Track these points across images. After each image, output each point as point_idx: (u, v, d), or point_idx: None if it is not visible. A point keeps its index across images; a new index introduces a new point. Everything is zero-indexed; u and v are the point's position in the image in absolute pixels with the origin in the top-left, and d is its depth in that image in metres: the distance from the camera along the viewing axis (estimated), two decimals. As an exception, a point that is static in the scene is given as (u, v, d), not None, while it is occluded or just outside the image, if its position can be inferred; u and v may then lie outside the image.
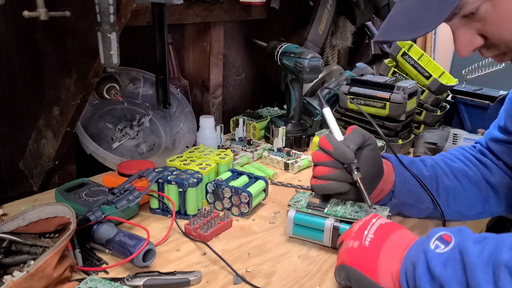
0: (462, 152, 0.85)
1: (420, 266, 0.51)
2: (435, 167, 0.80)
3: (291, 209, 0.74)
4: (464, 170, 0.81)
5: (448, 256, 0.49)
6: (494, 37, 0.55)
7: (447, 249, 0.50)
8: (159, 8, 0.86)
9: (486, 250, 0.46)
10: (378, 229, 0.58)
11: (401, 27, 0.55)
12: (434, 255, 0.50)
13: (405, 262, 0.54)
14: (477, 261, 0.46)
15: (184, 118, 1.12)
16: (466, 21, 0.55)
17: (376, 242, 0.57)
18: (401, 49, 1.23)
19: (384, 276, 0.54)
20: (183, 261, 0.70)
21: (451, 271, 0.48)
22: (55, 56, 0.83)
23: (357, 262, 0.56)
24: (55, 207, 0.67)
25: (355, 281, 0.56)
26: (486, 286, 0.44)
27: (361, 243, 0.57)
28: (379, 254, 0.55)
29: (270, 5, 1.26)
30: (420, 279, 0.50)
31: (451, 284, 0.47)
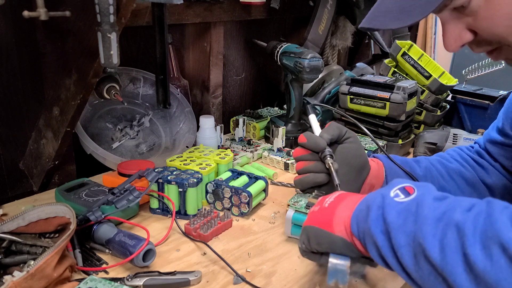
0: (459, 153, 0.85)
1: (374, 209, 0.50)
2: (431, 168, 0.80)
3: (290, 209, 0.74)
4: (461, 171, 0.80)
5: (405, 207, 0.48)
6: (485, 32, 0.53)
7: (406, 199, 0.48)
8: (159, 8, 0.86)
9: (442, 207, 0.45)
10: (340, 195, 0.59)
11: (390, 13, 0.53)
12: (391, 202, 0.49)
13: (359, 206, 0.53)
14: (430, 215, 0.45)
15: (184, 118, 1.12)
16: (456, 14, 0.54)
17: (335, 202, 0.57)
18: (401, 49, 1.23)
19: (338, 224, 0.54)
20: (183, 261, 0.70)
21: (403, 220, 0.46)
22: (55, 56, 0.83)
23: (315, 220, 0.56)
24: (55, 207, 0.67)
25: (313, 237, 0.56)
26: (431, 240, 0.43)
27: (321, 206, 0.58)
28: (336, 208, 0.56)
29: (270, 5, 1.26)
30: (372, 221, 0.49)
31: (398, 233, 0.46)
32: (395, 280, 0.68)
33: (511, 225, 0.39)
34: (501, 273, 0.38)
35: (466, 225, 0.41)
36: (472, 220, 0.42)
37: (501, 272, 0.38)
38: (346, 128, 0.76)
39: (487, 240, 0.39)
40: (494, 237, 0.39)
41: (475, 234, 0.40)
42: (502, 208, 0.41)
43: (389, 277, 0.68)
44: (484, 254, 0.39)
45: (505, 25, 0.51)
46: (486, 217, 0.41)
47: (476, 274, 0.39)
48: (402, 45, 1.24)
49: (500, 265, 0.38)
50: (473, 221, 0.41)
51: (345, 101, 1.16)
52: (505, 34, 0.52)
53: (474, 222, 0.41)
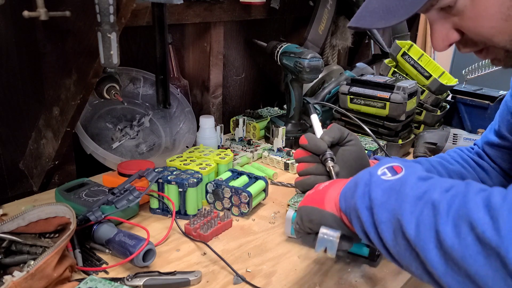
0: (460, 154, 0.85)
1: (361, 186, 0.51)
2: (431, 170, 0.80)
3: (290, 209, 0.74)
4: (462, 172, 0.80)
5: (390, 185, 0.49)
6: (471, 32, 0.54)
7: (392, 178, 0.50)
8: (159, 8, 0.86)
9: (423, 187, 0.46)
10: (335, 180, 0.61)
11: (376, 13, 0.54)
12: (377, 180, 0.50)
13: (348, 184, 0.54)
14: (411, 194, 0.46)
15: (184, 118, 1.12)
16: (443, 14, 0.54)
17: (329, 185, 0.59)
18: (401, 49, 1.23)
19: (329, 201, 0.56)
20: (183, 261, 0.70)
21: (386, 198, 0.48)
22: (55, 56, 0.83)
23: (309, 201, 0.58)
24: (55, 207, 0.67)
25: (305, 215, 0.57)
26: (409, 217, 0.44)
27: (316, 189, 0.60)
28: (329, 189, 0.57)
29: (270, 5, 1.26)
30: (358, 197, 0.50)
31: (380, 209, 0.47)
32: (395, 280, 0.68)
33: (482, 206, 0.40)
34: (467, 250, 0.39)
35: (441, 204, 0.43)
36: (448, 200, 0.43)
37: (466, 249, 0.39)
38: (348, 131, 0.76)
39: (458, 218, 0.41)
40: (464, 216, 0.40)
41: (449, 213, 0.42)
42: (478, 190, 0.42)
43: (389, 277, 0.68)
44: (454, 232, 0.40)
45: (490, 26, 0.52)
46: (461, 197, 0.42)
47: (445, 250, 0.41)
48: (402, 45, 1.24)
49: (467, 242, 0.39)
50: (449, 201, 0.43)
51: (345, 101, 1.16)
52: (489, 35, 0.52)
53: (449, 202, 0.43)
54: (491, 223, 0.38)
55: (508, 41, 0.52)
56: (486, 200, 0.40)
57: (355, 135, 0.76)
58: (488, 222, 0.38)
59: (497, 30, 0.52)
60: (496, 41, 0.53)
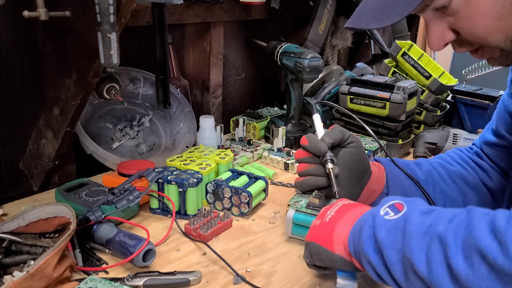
0: (459, 154, 0.85)
1: (366, 229, 0.51)
2: (432, 171, 0.80)
3: (290, 209, 0.74)
4: (462, 173, 0.80)
5: (394, 225, 0.49)
6: (466, 32, 0.54)
7: (395, 217, 0.50)
8: (159, 8, 0.86)
9: (427, 221, 0.46)
10: (341, 208, 0.60)
11: (371, 13, 0.54)
12: (381, 221, 0.50)
13: (355, 227, 0.54)
14: (416, 230, 0.46)
15: (184, 118, 1.12)
16: (438, 14, 0.55)
17: (335, 217, 0.58)
18: (401, 49, 1.23)
19: (337, 243, 0.55)
20: (183, 261, 0.70)
21: (392, 238, 0.48)
22: (55, 56, 0.83)
23: (317, 237, 0.58)
24: (55, 207, 0.67)
25: (315, 254, 0.57)
26: (418, 254, 0.44)
27: (323, 220, 0.59)
28: (335, 226, 0.57)
29: (270, 5, 1.26)
30: (365, 241, 0.50)
31: (389, 250, 0.47)
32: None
33: (488, 232, 0.40)
34: (483, 281, 0.39)
35: (447, 236, 0.43)
36: (453, 230, 0.43)
37: (482, 279, 0.39)
38: (350, 132, 0.76)
39: (467, 248, 0.41)
40: (473, 245, 0.40)
41: (457, 244, 0.42)
42: (481, 215, 0.42)
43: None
44: (466, 263, 0.40)
45: (484, 25, 0.52)
46: (465, 225, 0.42)
47: (461, 283, 0.40)
48: (402, 45, 1.24)
49: (481, 273, 0.39)
50: (454, 231, 0.43)
51: (345, 101, 1.16)
52: (484, 34, 0.53)
53: (455, 232, 0.43)
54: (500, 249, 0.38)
55: (502, 40, 0.53)
56: (491, 225, 0.40)
57: (356, 136, 0.76)
58: (497, 248, 0.38)
59: (492, 29, 0.52)
60: (490, 41, 0.53)
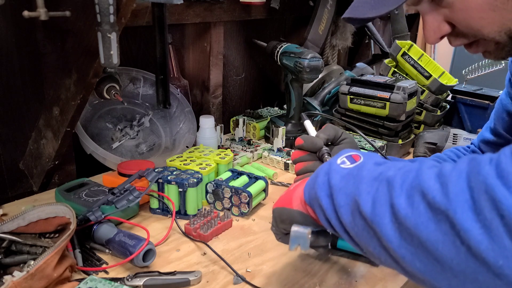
0: (456, 153, 0.85)
1: (321, 176, 0.52)
2: None
3: None
4: None
5: (348, 172, 0.50)
6: (461, 24, 0.54)
7: (351, 165, 0.51)
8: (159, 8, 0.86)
9: (379, 169, 0.47)
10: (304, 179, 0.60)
11: (367, 3, 0.55)
12: (336, 168, 0.51)
13: (311, 177, 0.55)
14: (367, 175, 0.47)
15: (184, 118, 1.12)
16: (434, 6, 0.55)
17: (299, 183, 0.59)
18: (401, 49, 1.23)
19: (295, 199, 0.56)
20: (183, 261, 0.70)
21: (344, 183, 0.49)
22: (55, 56, 0.83)
23: (280, 202, 0.59)
24: (55, 207, 0.67)
25: (277, 216, 0.58)
26: (365, 196, 0.45)
27: (288, 190, 0.60)
28: (297, 187, 0.58)
29: (270, 5, 1.26)
30: (319, 186, 0.51)
31: (340, 194, 0.48)
32: (395, 280, 0.68)
33: (434, 176, 0.40)
34: (419, 218, 0.39)
35: (395, 179, 0.44)
36: (401, 175, 0.44)
37: (419, 216, 0.39)
38: (342, 130, 0.77)
39: (411, 189, 0.41)
40: (417, 186, 0.41)
41: (402, 186, 0.42)
42: (432, 165, 0.43)
43: (389, 277, 0.68)
44: (407, 202, 0.41)
45: (479, 17, 0.52)
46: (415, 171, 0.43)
47: (399, 221, 0.41)
48: (402, 45, 1.24)
49: (420, 210, 0.40)
50: (402, 176, 0.43)
51: (345, 101, 1.16)
52: (479, 26, 0.53)
53: (403, 176, 0.43)
54: (441, 189, 0.39)
55: (497, 32, 0.53)
56: (438, 171, 0.41)
57: (349, 134, 0.77)
58: (438, 188, 0.39)
59: (486, 21, 0.52)
60: (486, 33, 0.53)
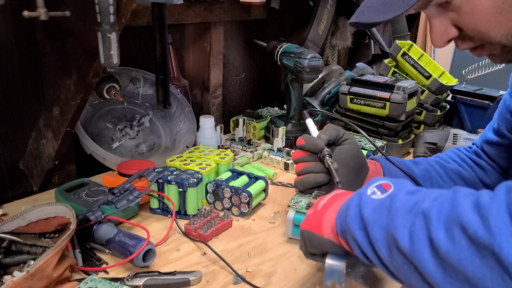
0: (457, 153, 0.85)
1: (352, 208, 0.51)
2: (429, 169, 0.80)
3: (291, 210, 0.74)
4: (459, 171, 0.80)
5: (380, 203, 0.49)
6: (468, 28, 0.55)
7: (382, 196, 0.50)
8: (159, 8, 0.86)
9: (413, 199, 0.47)
10: (333, 196, 0.60)
11: (373, 8, 0.55)
12: (367, 200, 0.51)
13: (342, 207, 0.55)
14: (401, 207, 0.46)
15: (184, 118, 1.12)
16: (441, 10, 0.55)
17: (327, 204, 0.58)
18: (401, 49, 1.23)
19: (326, 227, 0.55)
20: (183, 261, 0.70)
21: (378, 216, 0.48)
22: (55, 56, 0.83)
23: (309, 224, 0.58)
24: (55, 207, 0.67)
25: (308, 241, 0.58)
26: (402, 230, 0.44)
27: (315, 209, 0.59)
28: (326, 211, 0.57)
29: (270, 5, 1.26)
30: (351, 219, 0.50)
31: (374, 227, 0.48)
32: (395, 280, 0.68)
33: (472, 207, 0.40)
34: (462, 253, 0.39)
35: (431, 212, 0.43)
36: (437, 207, 0.43)
37: (462, 252, 0.39)
38: (344, 130, 0.77)
39: (450, 223, 0.41)
40: (455, 220, 0.40)
41: (440, 219, 0.42)
42: (467, 194, 0.42)
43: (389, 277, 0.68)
44: (447, 237, 0.40)
45: (485, 20, 0.52)
46: (450, 202, 0.42)
47: (441, 257, 0.40)
48: (402, 45, 1.24)
49: (461, 245, 0.39)
50: (438, 208, 0.43)
51: (345, 101, 1.16)
52: (486, 29, 0.53)
53: (439, 208, 0.43)
54: (481, 222, 0.38)
55: (504, 36, 0.53)
56: (475, 202, 0.40)
57: (350, 134, 0.77)
58: (479, 222, 0.38)
59: (494, 25, 0.53)
60: (492, 36, 0.54)
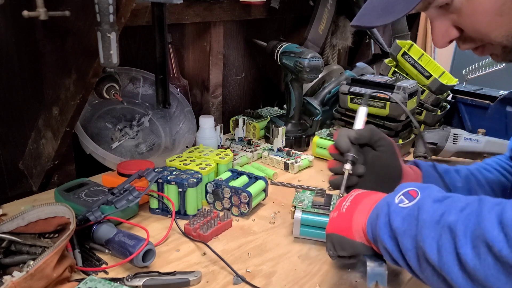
0: (498, 162, 0.82)
1: (382, 217, 0.52)
2: (469, 177, 0.78)
3: (297, 210, 0.74)
4: (500, 180, 0.78)
5: (408, 212, 0.50)
6: (469, 29, 0.55)
7: (409, 204, 0.51)
8: (158, 8, 0.86)
9: (440, 209, 0.48)
10: (355, 197, 0.60)
11: (375, 11, 0.56)
12: (396, 209, 0.52)
13: (372, 214, 0.56)
14: (428, 219, 0.47)
15: (183, 118, 1.12)
16: (442, 11, 0.56)
17: (352, 206, 0.59)
18: (401, 49, 1.23)
19: (357, 230, 0.57)
20: (183, 261, 0.70)
21: (407, 225, 0.49)
22: (55, 56, 0.82)
23: (336, 227, 0.59)
24: (55, 207, 0.67)
25: (337, 244, 0.59)
26: (430, 242, 0.46)
27: (340, 211, 0.60)
28: (353, 214, 0.58)
29: (270, 4, 1.26)
30: (380, 229, 0.52)
31: (404, 237, 0.49)
32: (395, 280, 0.68)
33: (496, 224, 0.41)
34: (489, 270, 0.40)
35: (457, 226, 0.44)
36: (463, 220, 0.44)
37: (488, 269, 0.41)
38: (382, 135, 0.73)
39: (476, 239, 0.42)
40: (481, 236, 0.42)
41: (466, 234, 0.43)
42: (492, 206, 0.43)
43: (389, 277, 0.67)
44: (474, 253, 0.42)
45: (486, 21, 0.53)
46: (476, 216, 0.43)
47: (468, 272, 0.42)
48: (402, 45, 1.24)
49: (488, 263, 0.41)
50: (464, 221, 0.44)
51: (345, 101, 1.16)
52: (486, 31, 0.54)
53: (465, 222, 0.44)
54: (506, 241, 0.39)
55: (505, 37, 0.54)
56: (500, 216, 0.41)
57: (389, 141, 0.73)
58: (503, 240, 0.40)
59: (494, 26, 0.53)
60: (493, 37, 0.54)
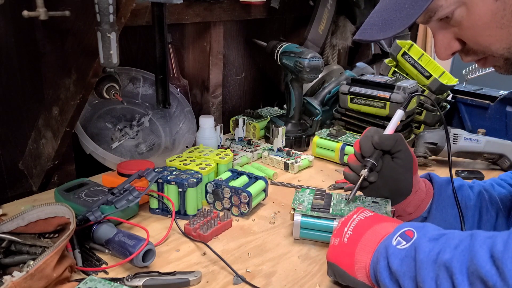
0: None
1: (381, 261, 0.53)
2: (482, 193, 0.76)
3: (297, 213, 0.73)
4: None
5: (406, 253, 0.51)
6: (470, 42, 0.56)
7: (407, 245, 0.52)
8: (158, 8, 0.86)
9: (435, 248, 0.49)
10: (357, 225, 0.60)
11: (376, 26, 0.57)
12: (394, 251, 0.53)
13: (373, 258, 0.56)
14: (425, 259, 0.48)
15: (183, 118, 1.12)
16: (443, 24, 0.56)
17: (354, 238, 0.59)
18: (401, 49, 1.23)
19: (359, 270, 0.57)
20: (183, 261, 0.70)
21: (406, 267, 0.50)
22: (55, 56, 0.82)
23: (338, 259, 0.59)
24: (55, 207, 0.67)
25: (338, 276, 0.60)
26: (429, 282, 0.47)
27: (341, 240, 0.60)
28: (355, 250, 0.58)
29: (270, 4, 1.26)
30: (381, 273, 0.53)
31: (405, 279, 0.50)
32: None
33: (488, 258, 0.42)
34: None
35: (453, 263, 0.45)
36: (457, 257, 0.45)
37: None
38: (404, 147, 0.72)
39: (471, 275, 0.43)
40: (475, 272, 0.43)
41: (462, 271, 0.44)
42: (484, 240, 0.45)
43: None
44: None
45: (486, 35, 0.53)
46: (469, 252, 0.45)
47: None
48: (402, 45, 1.24)
49: None
50: (459, 258, 0.45)
51: (345, 101, 1.16)
52: (487, 43, 0.54)
53: (460, 259, 0.45)
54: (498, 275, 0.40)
55: (506, 49, 0.54)
56: (491, 250, 0.42)
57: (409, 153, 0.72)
58: (496, 274, 0.41)
59: (495, 39, 0.53)
60: (494, 50, 0.55)
